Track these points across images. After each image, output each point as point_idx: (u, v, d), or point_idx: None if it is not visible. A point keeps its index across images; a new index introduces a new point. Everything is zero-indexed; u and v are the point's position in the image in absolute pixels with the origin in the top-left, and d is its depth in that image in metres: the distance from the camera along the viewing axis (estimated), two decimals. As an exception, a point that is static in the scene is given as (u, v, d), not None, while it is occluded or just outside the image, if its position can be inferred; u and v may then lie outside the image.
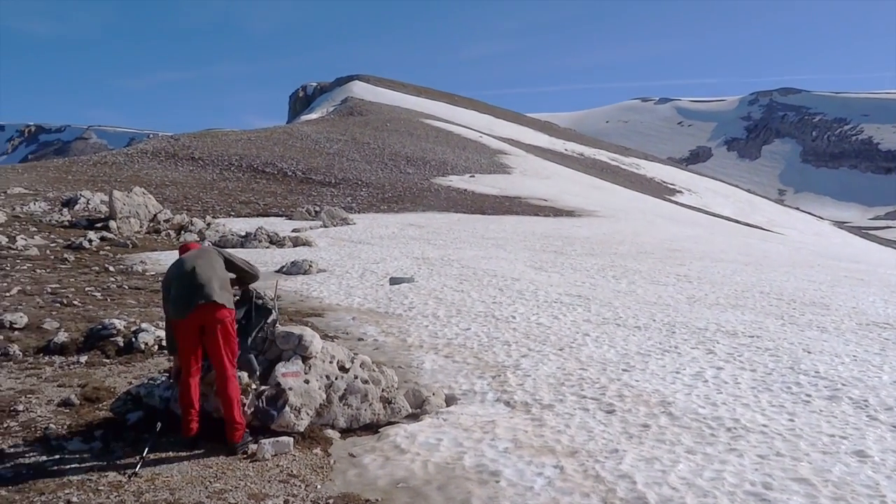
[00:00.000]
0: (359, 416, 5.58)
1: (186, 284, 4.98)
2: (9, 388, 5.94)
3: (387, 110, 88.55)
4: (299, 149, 54.17)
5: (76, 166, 42.97)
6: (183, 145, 50.43)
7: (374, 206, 36.17)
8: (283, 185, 41.35)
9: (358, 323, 9.39)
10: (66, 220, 20.54)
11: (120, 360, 6.84)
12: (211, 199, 32.93)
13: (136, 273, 12.62)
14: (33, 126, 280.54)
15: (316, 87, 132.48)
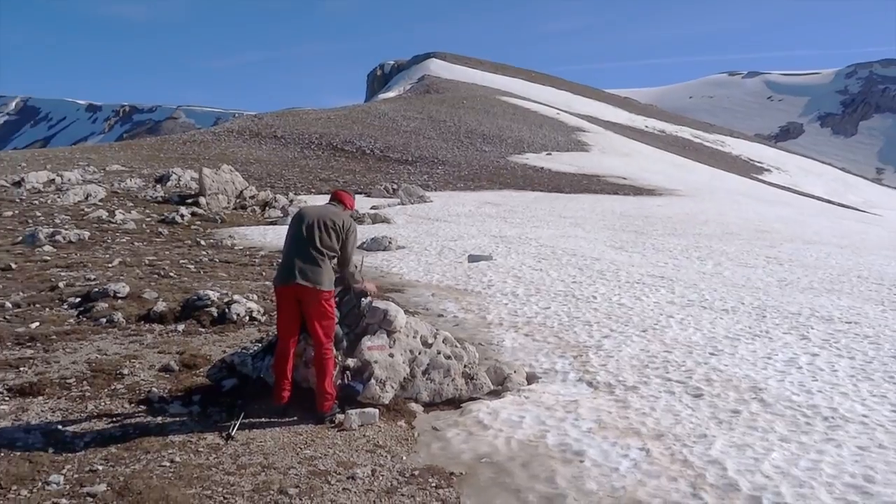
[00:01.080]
0: (441, 391, 5.65)
1: (294, 253, 5.01)
2: (114, 352, 6.32)
3: (463, 88, 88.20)
4: (377, 127, 54.78)
5: (167, 145, 45.00)
6: (266, 124, 51.90)
7: (451, 183, 36.27)
8: (362, 162, 42.01)
9: (437, 299, 9.48)
10: (160, 196, 21.59)
11: (214, 329, 7.17)
12: (293, 177, 33.85)
13: (226, 247, 13.15)
14: (127, 106, 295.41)
15: (393, 65, 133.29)
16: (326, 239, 5.03)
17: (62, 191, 20.15)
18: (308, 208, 5.33)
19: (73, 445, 4.44)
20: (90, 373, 5.73)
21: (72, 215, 16.30)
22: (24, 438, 4.50)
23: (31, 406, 5.07)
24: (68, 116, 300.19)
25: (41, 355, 6.16)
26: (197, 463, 4.26)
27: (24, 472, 4.02)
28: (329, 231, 5.06)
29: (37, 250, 11.38)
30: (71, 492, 3.84)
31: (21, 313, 7.51)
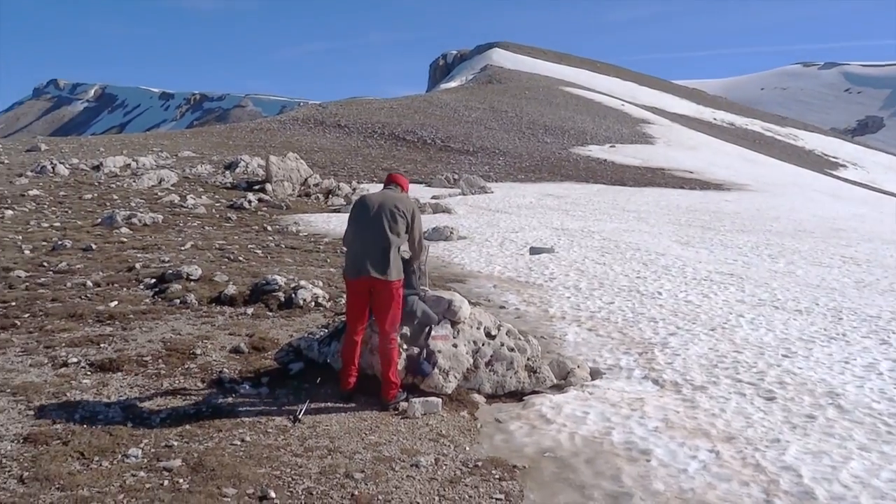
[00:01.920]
0: (504, 383, 5.63)
1: (362, 243, 5.03)
2: (188, 333, 6.55)
3: (526, 78, 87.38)
4: (439, 117, 54.88)
5: (236, 132, 46.22)
6: (330, 113, 52.70)
7: (512, 175, 36.05)
8: (423, 152, 42.18)
9: (499, 291, 9.44)
10: (228, 182, 22.19)
11: (281, 313, 7.34)
12: (355, 165, 34.27)
13: (291, 233, 13.43)
14: (198, 95, 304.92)
15: (456, 55, 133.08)
16: (395, 226, 5.03)
17: (137, 175, 20.95)
18: (370, 196, 5.30)
19: (149, 421, 4.62)
20: (165, 351, 5.95)
21: (146, 199, 16.94)
22: (105, 412, 4.71)
23: (111, 381, 5.30)
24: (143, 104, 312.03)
25: (120, 333, 6.44)
26: (266, 443, 4.37)
27: (105, 444, 4.21)
28: (396, 217, 5.05)
29: (114, 232, 11.88)
30: (148, 465, 4.00)
31: (101, 292, 7.86)
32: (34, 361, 5.64)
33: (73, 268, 8.92)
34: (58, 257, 9.49)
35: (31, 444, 4.18)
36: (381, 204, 5.11)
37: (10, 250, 9.90)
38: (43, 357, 5.74)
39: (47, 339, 6.17)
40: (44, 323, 6.65)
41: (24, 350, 5.90)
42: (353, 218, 5.19)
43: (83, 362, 5.63)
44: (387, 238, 4.98)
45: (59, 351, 5.89)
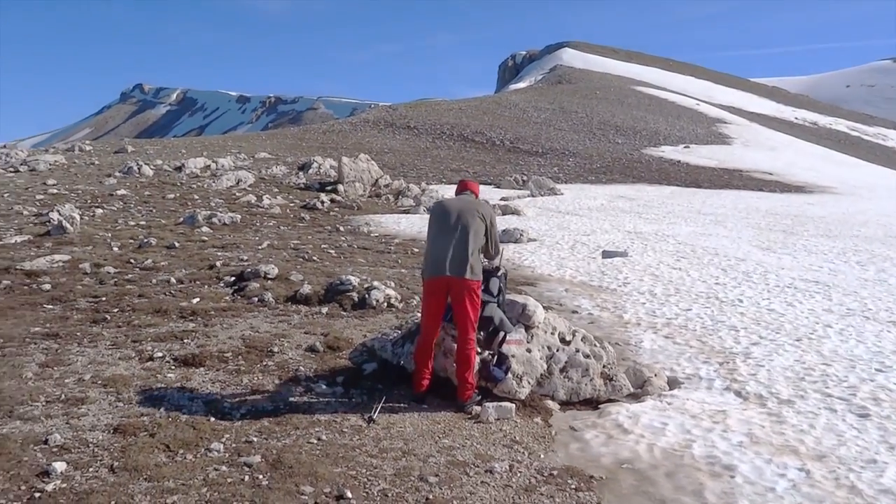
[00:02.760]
0: (578, 390, 5.52)
1: (442, 245, 5.09)
2: (265, 330, 6.72)
3: (596, 77, 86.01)
4: (507, 118, 54.68)
5: (309, 134, 47.34)
6: (400, 115, 53.27)
7: (582, 176, 35.56)
8: (492, 153, 42.12)
9: (571, 295, 9.29)
10: (302, 183, 22.72)
11: (355, 313, 7.44)
12: (424, 166, 34.53)
13: (363, 234, 13.62)
14: (273, 97, 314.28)
15: (525, 55, 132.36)
16: (473, 228, 5.08)
17: (216, 176, 21.71)
18: (448, 200, 5.40)
19: (230, 416, 4.75)
20: (244, 348, 6.11)
21: (225, 199, 17.53)
22: (189, 406, 4.87)
23: (194, 376, 5.48)
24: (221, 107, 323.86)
25: (202, 329, 6.66)
26: (342, 443, 4.42)
27: (189, 437, 4.34)
28: (475, 220, 5.11)
29: (196, 231, 12.34)
30: (230, 460, 4.10)
31: (184, 289, 8.16)
32: (123, 355, 5.90)
33: (157, 265, 9.31)
34: (144, 254, 9.92)
35: (120, 434, 4.36)
36: (461, 207, 5.19)
37: (100, 247, 10.41)
38: (131, 351, 6.00)
39: (135, 334, 6.45)
40: (131, 318, 6.96)
41: (114, 343, 6.18)
42: (433, 221, 5.29)
43: (168, 357, 5.84)
44: (465, 239, 5.03)
45: (145, 345, 6.14)
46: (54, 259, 9.14)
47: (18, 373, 5.39)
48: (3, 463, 3.93)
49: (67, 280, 8.38)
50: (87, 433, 4.35)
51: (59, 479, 3.75)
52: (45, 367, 5.52)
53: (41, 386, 5.12)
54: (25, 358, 5.75)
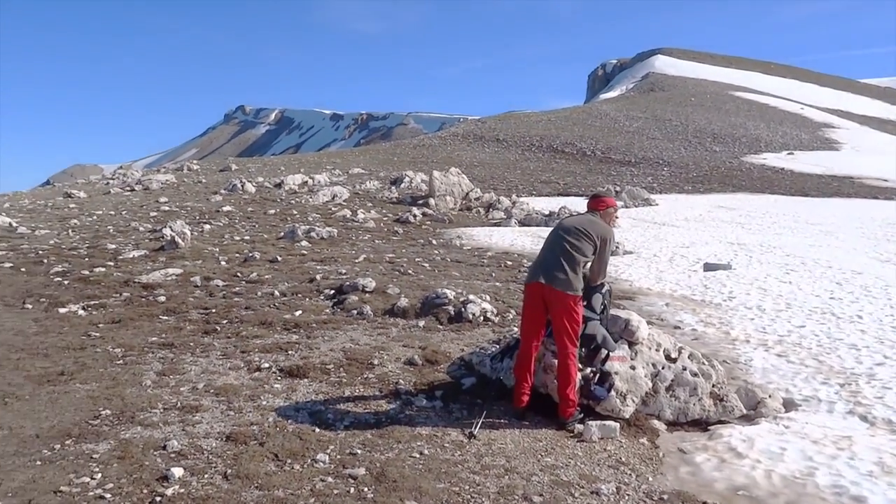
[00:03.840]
0: (686, 410, 5.28)
1: (545, 256, 5.12)
2: (365, 343, 6.83)
3: (691, 84, 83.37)
4: (598, 128, 53.81)
5: (400, 149, 48.30)
6: (489, 128, 53.49)
7: (678, 186, 34.43)
8: (583, 164, 41.51)
9: (672, 310, 8.95)
10: (394, 197, 23.15)
11: (451, 327, 7.45)
12: (514, 179, 34.44)
13: (455, 247, 13.69)
14: (365, 114, 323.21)
15: (616, 64, 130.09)
16: (579, 245, 5.02)
17: (313, 192, 22.47)
18: (570, 217, 5.50)
19: (334, 427, 4.83)
20: (345, 360, 6.23)
21: (321, 214, 18.10)
22: (295, 416, 5.00)
23: (299, 387, 5.63)
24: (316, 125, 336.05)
25: (304, 341, 6.86)
26: (444, 458, 4.40)
27: (296, 447, 4.45)
28: (581, 237, 5.05)
29: (296, 245, 12.78)
30: (335, 471, 4.16)
31: (287, 301, 8.44)
32: (232, 365, 6.15)
33: (262, 278, 9.69)
34: (249, 268, 10.36)
35: (232, 442, 4.52)
36: (575, 224, 5.19)
37: (209, 261, 10.96)
38: (239, 361, 6.24)
39: (242, 345, 6.71)
40: (239, 329, 7.26)
41: (224, 354, 6.46)
42: (549, 234, 5.34)
43: (274, 367, 6.04)
44: (567, 252, 5.00)
45: (253, 356, 6.37)
46: (168, 272, 9.69)
47: (138, 380, 5.72)
48: (127, 466, 4.15)
49: (180, 292, 8.86)
50: (201, 440, 4.54)
51: (177, 485, 3.92)
52: (162, 376, 5.82)
53: (159, 393, 5.41)
54: (144, 366, 6.10)
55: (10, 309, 8.22)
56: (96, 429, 4.71)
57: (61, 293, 8.88)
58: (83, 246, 12.37)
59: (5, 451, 4.37)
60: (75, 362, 6.18)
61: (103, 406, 5.11)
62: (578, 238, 5.06)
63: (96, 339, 6.92)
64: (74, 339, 6.96)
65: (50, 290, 9.02)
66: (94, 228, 14.87)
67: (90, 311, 8.11)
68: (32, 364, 6.13)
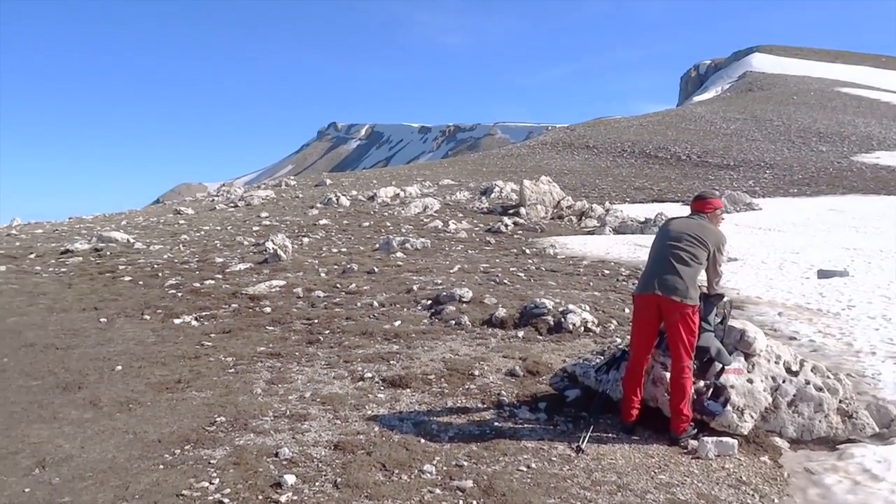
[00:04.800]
0: (811, 427, 4.93)
1: (657, 259, 4.90)
2: (465, 353, 6.80)
3: (793, 82, 79.27)
4: (692, 131, 52.01)
5: (488, 159, 48.39)
6: (578, 135, 52.75)
7: (781, 189, 32.70)
8: (677, 169, 40.17)
9: (786, 320, 8.44)
10: (485, 207, 23.14)
11: (551, 337, 7.31)
12: (606, 186, 33.74)
13: (549, 256, 13.50)
14: (452, 126, 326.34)
15: (709, 64, 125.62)
16: (692, 251, 4.77)
17: (405, 204, 22.81)
18: (675, 221, 5.15)
19: (439, 438, 4.82)
20: (446, 371, 6.22)
21: (414, 225, 18.33)
22: (399, 426, 5.02)
23: (402, 397, 5.66)
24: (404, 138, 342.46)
25: (405, 351, 6.91)
26: (552, 472, 4.29)
27: (402, 458, 4.46)
28: (695, 243, 4.80)
29: (391, 256, 12.97)
30: (442, 483, 4.13)
31: (386, 312, 8.56)
32: (336, 374, 6.27)
33: (360, 289, 9.88)
34: (347, 279, 10.59)
35: (340, 451, 4.58)
36: (683, 228, 4.93)
37: (309, 273, 11.29)
38: (343, 371, 6.36)
39: (345, 355, 6.84)
40: (341, 339, 7.41)
41: (328, 364, 6.60)
42: (655, 240, 5.10)
43: (377, 377, 6.11)
44: (681, 260, 4.75)
45: (356, 366, 6.48)
46: (272, 284, 10.05)
47: (249, 388, 5.92)
48: (242, 472, 4.28)
49: (284, 304, 9.16)
50: (311, 448, 4.64)
51: (290, 492, 4.01)
52: (271, 384, 6.01)
53: (269, 401, 5.57)
54: (254, 375, 6.32)
55: (130, 320, 8.76)
56: (212, 435, 4.90)
57: (175, 305, 9.38)
58: (193, 260, 13.06)
59: (131, 455, 4.61)
60: (191, 371, 6.48)
61: (218, 413, 5.32)
62: (691, 244, 4.81)
63: (209, 349, 7.25)
64: (189, 348, 7.31)
65: (165, 302, 9.55)
66: (202, 243, 15.68)
67: (202, 321, 8.52)
68: (152, 372, 6.48)
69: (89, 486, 4.16)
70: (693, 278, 4.73)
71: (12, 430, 5.16)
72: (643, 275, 5.03)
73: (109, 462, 4.50)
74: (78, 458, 4.57)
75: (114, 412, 5.46)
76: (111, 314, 9.04)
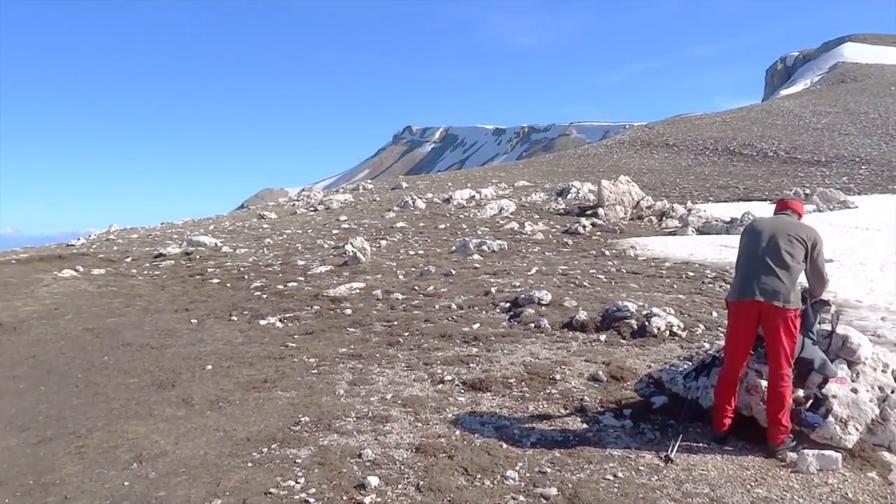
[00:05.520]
0: (925, 442, 4.56)
1: (752, 261, 4.64)
2: (545, 357, 6.69)
3: (890, 72, 74.61)
4: (780, 126, 49.74)
5: (564, 160, 47.79)
6: (657, 133, 51.38)
7: (879, 185, 30.79)
8: (764, 166, 38.48)
9: (890, 325, 7.89)
10: (561, 208, 22.85)
11: (634, 342, 7.09)
12: (687, 185, 32.69)
13: (629, 258, 13.16)
14: (526, 127, 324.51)
15: (797, 56, 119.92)
16: (791, 252, 4.50)
17: (480, 206, 22.79)
18: (763, 220, 4.87)
19: (521, 443, 4.74)
20: (527, 375, 6.13)
21: (490, 227, 18.28)
22: (481, 430, 4.97)
23: (482, 400, 5.61)
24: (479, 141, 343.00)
25: (484, 354, 6.86)
26: (640, 482, 4.14)
27: (485, 462, 4.41)
28: (793, 243, 4.53)
29: (468, 258, 12.96)
30: (525, 490, 4.06)
31: (464, 314, 8.54)
32: (416, 377, 6.28)
33: (438, 291, 9.91)
34: (425, 282, 10.65)
35: (422, 454, 4.58)
36: (776, 228, 4.65)
37: (388, 275, 11.42)
38: (423, 373, 6.37)
39: (425, 357, 6.86)
40: (420, 342, 7.43)
41: (408, 366, 6.63)
42: (743, 242, 4.82)
43: (457, 380, 6.09)
44: (781, 261, 4.48)
45: (435, 368, 6.48)
46: (352, 286, 10.22)
47: (332, 389, 6.02)
48: (327, 472, 4.34)
49: (364, 305, 9.29)
50: (393, 450, 4.65)
51: (374, 493, 4.03)
52: (353, 386, 6.09)
53: (351, 403, 5.64)
54: (336, 376, 6.42)
55: (219, 321, 9.09)
56: (297, 434, 5.00)
57: (261, 306, 9.67)
58: (277, 262, 13.45)
59: (222, 452, 4.76)
60: (276, 371, 6.65)
61: (302, 413, 5.43)
62: (790, 243, 4.53)
63: (293, 350, 7.43)
64: (274, 349, 7.52)
65: (251, 304, 9.87)
66: (284, 246, 16.15)
67: (286, 322, 8.75)
68: (240, 372, 6.69)
69: (183, 482, 4.32)
70: (794, 280, 4.48)
71: (112, 425, 5.43)
72: (737, 279, 4.75)
73: (201, 459, 4.66)
74: (172, 455, 4.76)
75: (205, 410, 5.66)
76: (201, 315, 9.42)
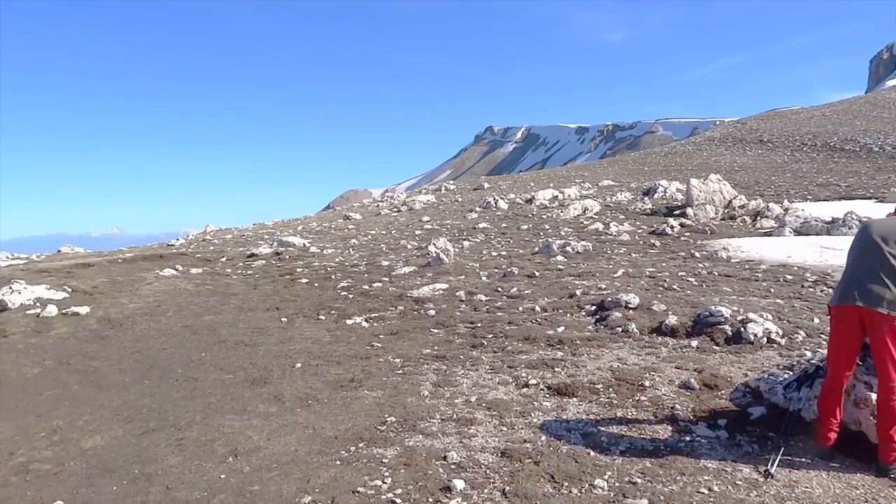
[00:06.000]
0: None
1: (858, 265, 4.38)
2: (633, 363, 6.51)
3: None
4: (886, 119, 46.60)
5: (650, 158, 46.48)
6: (750, 129, 49.22)
7: None
8: (868, 162, 36.15)
9: None
10: (648, 208, 22.19)
11: (729, 348, 6.78)
12: (783, 183, 31.10)
13: (722, 259, 12.63)
14: (610, 125, 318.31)
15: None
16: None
17: (564, 206, 22.46)
18: (875, 221, 4.55)
19: (609, 451, 4.62)
20: (614, 380, 5.98)
21: (573, 228, 17.98)
22: (567, 437, 4.88)
23: (568, 406, 5.51)
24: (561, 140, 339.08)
25: (569, 358, 6.74)
26: (737, 497, 3.95)
27: (572, 470, 4.33)
28: None
29: (551, 259, 12.80)
30: (615, 500, 3.95)
31: (548, 317, 8.43)
32: (500, 380, 6.25)
33: (521, 293, 9.83)
34: (508, 283, 10.59)
35: (507, 458, 4.54)
36: (888, 231, 4.31)
37: (471, 276, 11.43)
38: (507, 376, 6.32)
39: (509, 360, 6.81)
40: (504, 344, 7.39)
41: (492, 368, 6.60)
42: (853, 244, 4.55)
43: (541, 384, 6.01)
44: (888, 265, 4.16)
45: (519, 371, 6.42)
46: (435, 287, 10.29)
47: (417, 390, 6.07)
48: (413, 473, 4.38)
49: (447, 306, 9.33)
50: (478, 454, 4.64)
51: (459, 497, 4.03)
52: (438, 387, 6.12)
53: (436, 404, 5.67)
54: (421, 377, 6.48)
55: (308, 320, 9.36)
56: (384, 434, 5.07)
57: (347, 306, 9.89)
58: (362, 263, 13.73)
59: (311, 449, 4.89)
60: (362, 370, 6.78)
61: (388, 413, 5.50)
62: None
63: (378, 350, 7.55)
64: (360, 348, 7.66)
65: (338, 304, 10.11)
66: (369, 247, 16.46)
67: (371, 322, 8.90)
68: (328, 370, 6.86)
69: (275, 477, 4.46)
70: None
71: (210, 419, 5.67)
72: (841, 283, 4.48)
73: (292, 455, 4.80)
74: (265, 450, 4.93)
75: (295, 407, 5.83)
76: (291, 314, 9.72)
